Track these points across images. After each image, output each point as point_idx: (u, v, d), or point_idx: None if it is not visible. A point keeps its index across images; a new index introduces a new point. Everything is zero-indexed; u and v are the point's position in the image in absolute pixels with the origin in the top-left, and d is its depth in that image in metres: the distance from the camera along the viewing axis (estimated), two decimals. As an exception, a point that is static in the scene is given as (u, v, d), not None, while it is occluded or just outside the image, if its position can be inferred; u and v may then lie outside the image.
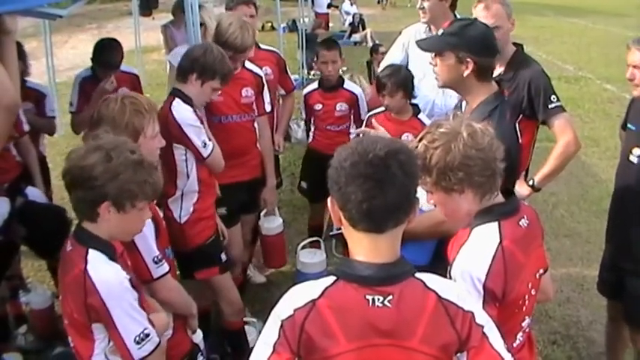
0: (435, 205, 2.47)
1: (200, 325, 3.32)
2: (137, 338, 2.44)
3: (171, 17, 8.61)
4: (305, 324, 1.80)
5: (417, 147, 2.32)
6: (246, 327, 4.43)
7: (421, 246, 3.00)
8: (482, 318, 1.90)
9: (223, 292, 4.16)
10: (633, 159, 3.67)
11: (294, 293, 1.88)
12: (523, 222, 2.43)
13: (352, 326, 1.80)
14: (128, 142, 2.57)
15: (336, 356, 1.80)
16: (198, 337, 3.26)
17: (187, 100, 3.81)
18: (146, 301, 2.65)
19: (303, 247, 5.07)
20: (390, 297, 1.80)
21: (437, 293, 1.84)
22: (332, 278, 1.85)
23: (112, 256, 2.49)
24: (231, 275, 4.40)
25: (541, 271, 2.54)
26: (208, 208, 4.01)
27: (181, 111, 3.75)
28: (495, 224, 2.33)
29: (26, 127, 4.74)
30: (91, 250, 2.43)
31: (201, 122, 3.90)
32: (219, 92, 4.02)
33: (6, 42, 2.67)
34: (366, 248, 1.86)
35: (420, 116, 4.75)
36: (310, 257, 4.96)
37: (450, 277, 2.28)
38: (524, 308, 2.44)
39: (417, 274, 1.87)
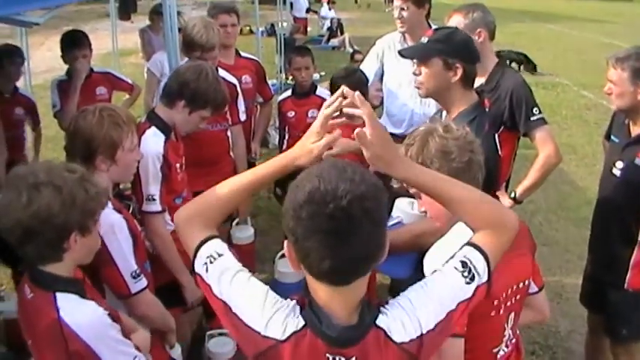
0: (426, 213, 2.49)
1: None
2: None
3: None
4: (259, 357, 1.70)
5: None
6: (221, 337, 4.37)
7: (402, 259, 2.98)
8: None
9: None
10: (616, 171, 3.69)
11: (267, 307, 1.72)
12: None
13: None
14: (54, 162, 2.41)
15: None
16: (176, 352, 3.19)
17: (165, 128, 3.58)
18: (126, 326, 2.53)
19: (282, 256, 5.03)
20: (353, 359, 1.68)
21: (396, 343, 1.69)
22: (300, 322, 1.68)
23: (82, 293, 2.35)
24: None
25: (526, 282, 2.53)
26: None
27: (149, 146, 3.43)
28: None
29: None
30: (58, 294, 2.26)
31: (173, 157, 3.63)
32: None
33: None
34: (327, 298, 1.69)
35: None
36: (288, 266, 4.89)
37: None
38: (500, 311, 2.40)
39: (379, 320, 1.70)
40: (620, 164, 3.67)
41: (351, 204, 1.57)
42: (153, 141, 3.49)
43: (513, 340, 2.56)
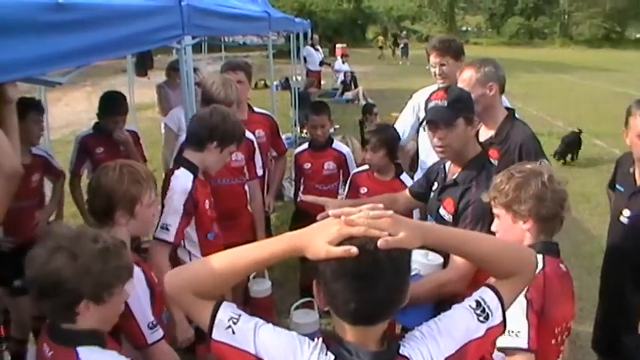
0: (496, 233, 2.78)
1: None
2: None
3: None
4: None
5: (502, 174, 2.78)
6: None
7: (419, 311, 3.01)
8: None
9: None
10: (623, 219, 3.77)
11: (304, 350, 1.75)
12: (563, 267, 2.73)
13: None
14: (87, 230, 2.46)
15: None
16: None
17: (193, 168, 3.83)
18: None
19: (297, 308, 5.05)
20: None
21: None
22: (331, 357, 1.74)
23: (103, 344, 2.39)
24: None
25: (570, 324, 2.75)
26: None
27: (178, 182, 3.75)
28: (540, 255, 2.55)
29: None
30: (79, 349, 2.29)
31: (202, 193, 3.87)
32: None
33: (7, 110, 2.70)
34: (353, 337, 1.76)
35: (402, 177, 4.83)
36: (303, 318, 4.93)
37: None
38: (558, 340, 2.64)
39: (401, 349, 1.76)
40: (627, 212, 3.74)
41: (377, 249, 1.64)
42: (182, 179, 3.76)
43: None
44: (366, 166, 5.10)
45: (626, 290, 3.79)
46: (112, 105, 5.52)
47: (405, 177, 4.91)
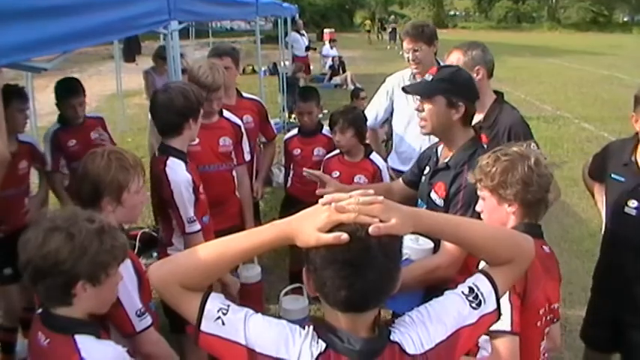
0: (481, 213, 2.80)
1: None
2: None
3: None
4: None
5: (488, 156, 2.74)
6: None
7: (410, 296, 3.00)
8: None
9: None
10: (629, 210, 3.61)
11: (295, 338, 1.74)
12: (546, 248, 2.73)
13: None
14: (81, 211, 2.43)
15: None
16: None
17: (181, 155, 3.83)
18: None
19: (286, 294, 5.05)
20: None
21: (410, 355, 1.73)
22: (322, 344, 1.71)
23: (98, 334, 2.38)
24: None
25: (556, 305, 2.72)
26: None
27: (177, 174, 3.73)
28: None
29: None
30: (77, 337, 2.27)
31: (197, 178, 3.89)
32: (197, 140, 4.14)
33: None
34: (344, 324, 1.73)
35: (372, 156, 4.83)
36: (293, 304, 4.91)
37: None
38: (542, 322, 2.63)
39: (392, 335, 1.75)
40: (634, 203, 3.59)
41: (369, 236, 1.61)
42: (179, 170, 3.75)
43: (546, 355, 2.74)
44: (337, 151, 5.10)
45: (636, 284, 3.65)
46: (65, 89, 5.43)
47: (375, 156, 4.93)
